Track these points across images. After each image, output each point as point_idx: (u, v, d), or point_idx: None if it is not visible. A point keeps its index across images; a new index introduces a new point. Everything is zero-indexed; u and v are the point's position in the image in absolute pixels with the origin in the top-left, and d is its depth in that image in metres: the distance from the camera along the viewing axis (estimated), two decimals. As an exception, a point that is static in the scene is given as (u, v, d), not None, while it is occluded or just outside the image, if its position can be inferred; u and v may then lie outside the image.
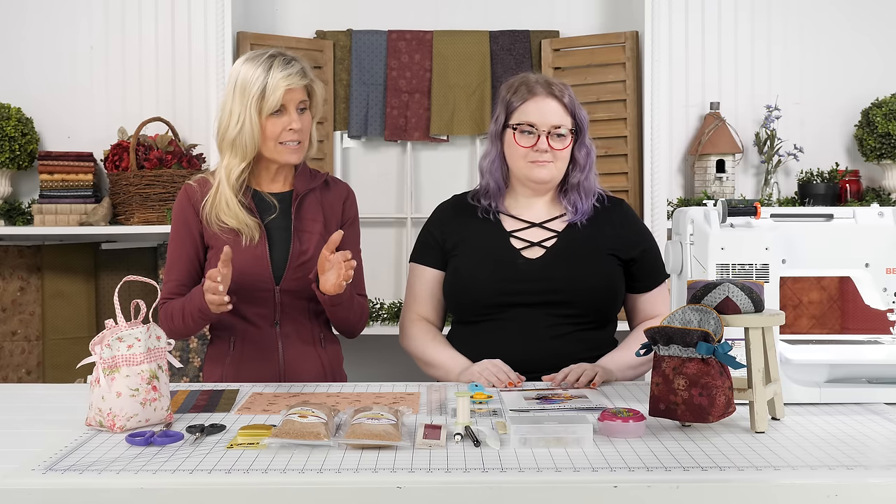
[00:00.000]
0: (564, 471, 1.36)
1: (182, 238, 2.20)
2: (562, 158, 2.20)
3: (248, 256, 2.14)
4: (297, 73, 2.13)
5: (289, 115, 2.14)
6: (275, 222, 2.19)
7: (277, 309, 2.19)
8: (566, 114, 2.19)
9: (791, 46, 3.58)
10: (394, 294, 3.68)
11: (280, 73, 2.11)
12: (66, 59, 3.50)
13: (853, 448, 1.48)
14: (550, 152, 2.17)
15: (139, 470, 1.38)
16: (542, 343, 2.15)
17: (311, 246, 2.18)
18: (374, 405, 1.65)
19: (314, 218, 2.22)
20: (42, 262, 3.44)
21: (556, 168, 2.20)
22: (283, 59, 2.14)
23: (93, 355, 1.65)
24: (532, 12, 3.69)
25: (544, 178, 2.20)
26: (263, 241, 2.17)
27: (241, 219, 2.14)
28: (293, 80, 2.12)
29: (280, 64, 2.12)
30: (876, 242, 1.87)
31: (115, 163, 3.30)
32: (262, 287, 2.16)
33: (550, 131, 2.17)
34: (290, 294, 2.18)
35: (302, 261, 2.17)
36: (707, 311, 1.58)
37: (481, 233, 2.24)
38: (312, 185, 2.25)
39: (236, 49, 3.46)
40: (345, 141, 3.70)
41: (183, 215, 2.20)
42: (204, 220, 2.17)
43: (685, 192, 3.59)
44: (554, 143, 2.17)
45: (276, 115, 2.13)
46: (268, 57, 2.13)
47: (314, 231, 2.21)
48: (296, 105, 2.15)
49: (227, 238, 2.15)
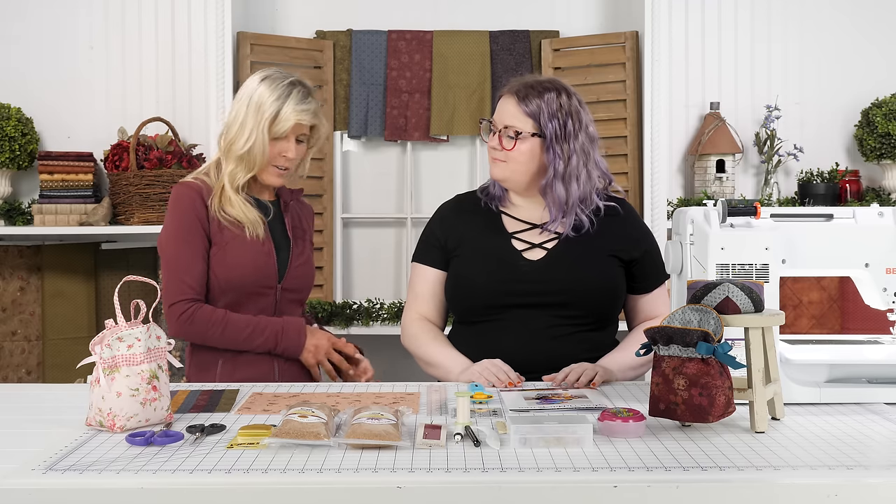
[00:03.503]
0: (564, 471, 1.36)
1: (194, 234, 2.19)
2: (514, 159, 2.16)
3: (256, 253, 2.20)
4: (310, 111, 2.23)
5: (288, 142, 2.21)
6: (272, 224, 2.27)
7: (277, 306, 2.25)
8: (523, 115, 2.15)
9: (791, 46, 3.58)
10: (394, 294, 3.69)
11: (295, 105, 2.20)
12: (66, 59, 3.51)
13: (853, 448, 1.48)
14: (502, 151, 2.17)
15: (139, 470, 1.38)
16: (543, 344, 2.15)
17: (304, 248, 2.33)
18: (374, 405, 1.65)
19: (298, 224, 2.34)
20: (42, 262, 3.44)
21: (510, 168, 2.18)
22: (302, 92, 2.22)
23: (93, 355, 1.65)
24: (532, 12, 3.69)
25: (496, 175, 2.21)
26: (269, 239, 2.23)
27: (247, 214, 2.20)
28: (304, 116, 2.21)
29: (297, 96, 2.20)
30: (876, 242, 1.87)
31: (115, 163, 3.30)
32: (267, 284, 2.23)
33: (502, 130, 2.18)
34: (289, 292, 2.27)
35: (300, 261, 2.30)
36: (707, 311, 1.57)
37: (483, 233, 2.24)
38: (292, 197, 2.36)
39: (236, 49, 3.46)
40: (345, 141, 3.71)
41: (194, 211, 2.20)
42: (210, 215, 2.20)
43: (685, 192, 3.59)
44: (504, 143, 2.17)
45: (277, 139, 2.21)
46: (288, 84, 2.21)
47: (303, 235, 2.35)
48: (296, 135, 2.23)
49: (232, 235, 2.19)
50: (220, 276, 2.19)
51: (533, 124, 2.16)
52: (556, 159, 2.15)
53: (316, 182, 3.54)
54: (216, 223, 2.20)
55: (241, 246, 2.19)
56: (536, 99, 2.15)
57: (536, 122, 2.15)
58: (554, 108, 2.15)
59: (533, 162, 2.17)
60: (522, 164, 2.17)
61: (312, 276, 2.37)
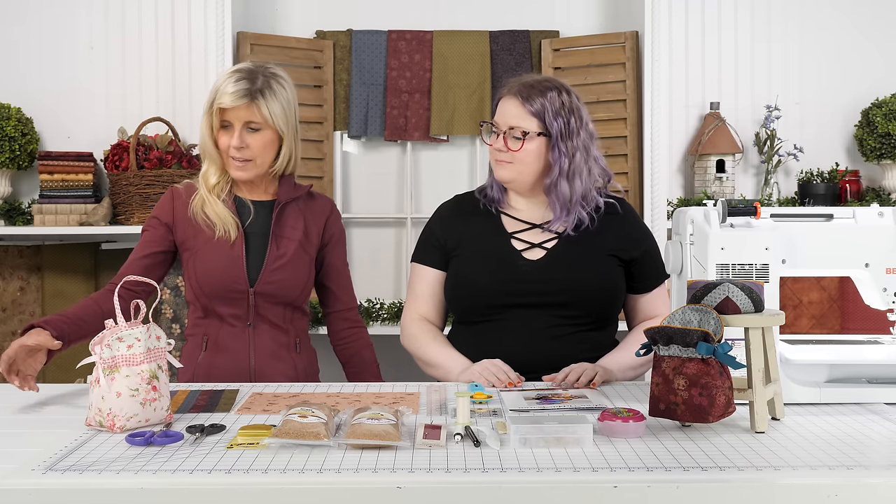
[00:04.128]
0: (564, 471, 1.36)
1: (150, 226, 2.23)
2: (521, 160, 2.16)
3: (224, 257, 2.17)
4: (242, 91, 2.09)
5: (232, 133, 2.14)
6: (254, 227, 2.22)
7: (251, 311, 2.20)
8: (528, 115, 2.15)
9: (791, 46, 3.58)
10: (394, 294, 3.69)
11: (229, 87, 2.10)
12: (65, 59, 3.50)
13: (853, 448, 1.48)
14: (508, 153, 2.17)
15: (139, 470, 1.38)
16: (543, 344, 2.15)
17: (288, 251, 2.21)
18: (374, 405, 1.65)
19: (294, 225, 2.25)
20: (42, 262, 3.44)
21: (516, 169, 2.18)
22: (241, 74, 2.12)
23: (93, 355, 1.65)
24: (532, 12, 3.69)
25: (503, 177, 2.20)
26: (240, 243, 2.19)
27: (220, 215, 2.17)
28: (234, 98, 2.09)
29: (234, 78, 2.11)
30: (876, 242, 1.87)
31: (115, 163, 3.30)
32: (236, 288, 2.18)
33: (507, 131, 2.17)
34: (265, 297, 2.20)
35: (278, 265, 2.20)
36: (707, 311, 1.57)
37: (482, 233, 2.24)
38: (295, 195, 2.27)
39: (236, 49, 3.46)
40: (345, 141, 3.71)
41: (161, 208, 2.24)
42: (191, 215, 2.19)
43: (685, 192, 3.59)
44: (510, 144, 2.17)
45: (223, 129, 2.15)
46: (234, 70, 2.14)
47: (293, 238, 2.23)
48: (242, 123, 2.13)
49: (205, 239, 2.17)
50: (192, 282, 2.20)
51: (538, 123, 2.16)
52: (561, 157, 2.15)
53: (316, 182, 3.55)
54: (192, 227, 2.19)
55: (211, 251, 2.17)
56: (540, 98, 2.15)
57: (542, 122, 2.15)
58: (557, 105, 2.15)
59: (539, 161, 2.17)
60: (529, 165, 2.17)
61: (300, 280, 2.23)
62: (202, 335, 2.22)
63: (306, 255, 2.25)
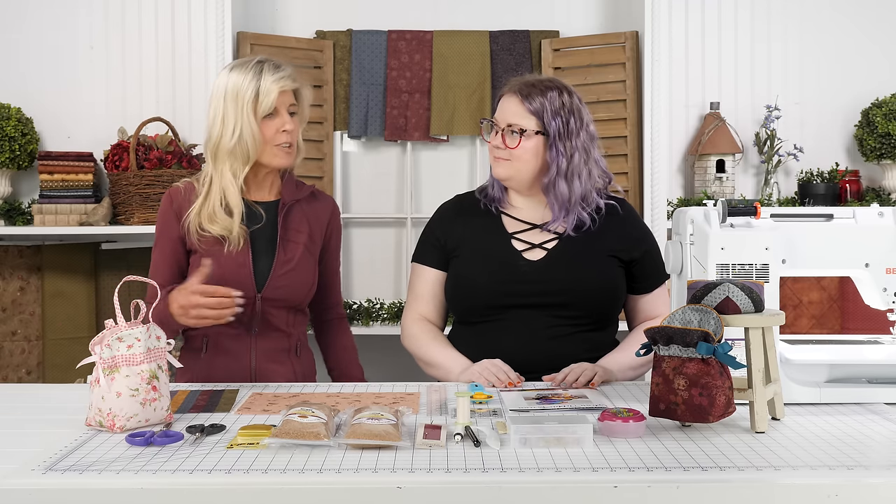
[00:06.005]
0: (564, 471, 1.36)
1: (164, 243, 2.22)
2: (518, 157, 2.17)
3: (231, 263, 2.16)
4: (287, 76, 2.19)
5: (281, 117, 2.18)
6: (260, 231, 2.21)
7: (257, 316, 2.19)
8: (527, 113, 2.16)
9: (791, 46, 3.58)
10: (394, 294, 3.69)
11: (272, 76, 2.16)
12: (65, 59, 3.50)
13: (853, 448, 1.48)
14: (505, 150, 2.17)
15: (139, 470, 1.38)
16: (543, 344, 2.15)
17: (295, 255, 2.22)
18: (374, 405, 1.65)
19: (299, 228, 2.24)
20: (42, 262, 3.44)
21: (513, 167, 2.18)
22: (272, 64, 2.19)
23: (93, 355, 1.65)
24: (532, 12, 3.69)
25: (500, 174, 2.21)
26: (247, 249, 2.18)
27: (227, 226, 2.15)
28: (285, 82, 2.17)
29: (270, 68, 2.18)
30: (876, 242, 1.87)
31: (115, 163, 3.30)
32: (244, 294, 2.13)
33: (506, 129, 2.17)
34: (271, 302, 2.19)
35: (286, 269, 2.20)
36: (707, 311, 1.57)
37: (483, 234, 2.24)
38: (299, 195, 2.27)
39: (236, 49, 3.46)
40: (345, 141, 3.71)
41: (165, 219, 2.23)
42: (184, 227, 2.17)
43: (685, 192, 3.59)
44: (508, 141, 2.17)
45: (269, 117, 2.17)
46: (256, 63, 2.19)
47: (299, 241, 2.23)
48: (287, 108, 2.19)
49: (210, 245, 2.16)
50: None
51: (537, 122, 2.16)
52: (559, 157, 2.15)
53: (316, 182, 3.54)
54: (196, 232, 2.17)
55: (217, 258, 2.14)
56: (539, 97, 2.16)
57: (540, 120, 2.16)
58: (557, 105, 2.16)
59: (536, 160, 2.18)
60: (526, 163, 2.17)
61: (307, 283, 2.24)
62: (202, 336, 2.21)
63: (311, 256, 2.26)
